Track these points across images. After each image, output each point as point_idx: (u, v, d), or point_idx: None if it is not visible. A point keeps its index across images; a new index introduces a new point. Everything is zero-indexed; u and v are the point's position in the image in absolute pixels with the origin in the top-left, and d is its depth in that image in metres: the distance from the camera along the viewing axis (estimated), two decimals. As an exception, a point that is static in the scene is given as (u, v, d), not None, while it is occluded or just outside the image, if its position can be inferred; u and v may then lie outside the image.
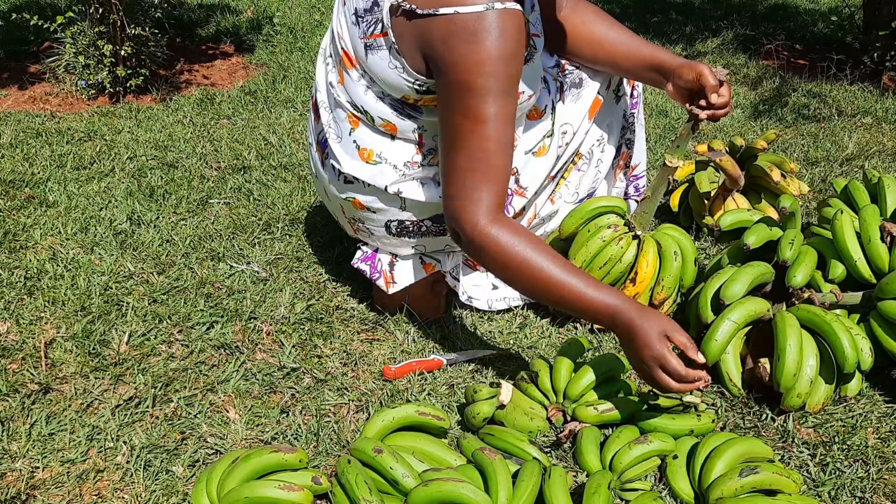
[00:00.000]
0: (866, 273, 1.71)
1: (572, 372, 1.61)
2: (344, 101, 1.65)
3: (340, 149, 1.69)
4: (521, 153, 1.72)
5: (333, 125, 1.70)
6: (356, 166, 1.67)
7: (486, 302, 1.90)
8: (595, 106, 1.85)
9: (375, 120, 1.61)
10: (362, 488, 1.29)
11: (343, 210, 1.78)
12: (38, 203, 2.38)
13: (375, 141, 1.64)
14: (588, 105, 1.84)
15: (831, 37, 4.20)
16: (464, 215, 1.46)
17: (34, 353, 1.75)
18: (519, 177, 1.73)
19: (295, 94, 3.36)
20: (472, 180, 1.45)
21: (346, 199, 1.73)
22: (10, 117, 3.04)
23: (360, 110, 1.62)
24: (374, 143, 1.64)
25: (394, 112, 1.59)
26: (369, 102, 1.60)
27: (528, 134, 1.73)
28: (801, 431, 1.58)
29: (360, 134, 1.65)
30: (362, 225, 1.77)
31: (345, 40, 1.60)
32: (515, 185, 1.73)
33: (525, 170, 1.73)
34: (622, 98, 1.96)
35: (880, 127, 3.05)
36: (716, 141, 2.38)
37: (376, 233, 1.76)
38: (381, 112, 1.60)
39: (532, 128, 1.73)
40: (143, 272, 2.05)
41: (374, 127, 1.63)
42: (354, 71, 1.60)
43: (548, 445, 1.54)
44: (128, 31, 3.17)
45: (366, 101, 1.60)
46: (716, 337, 1.61)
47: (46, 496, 1.40)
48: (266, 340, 1.82)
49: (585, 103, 1.83)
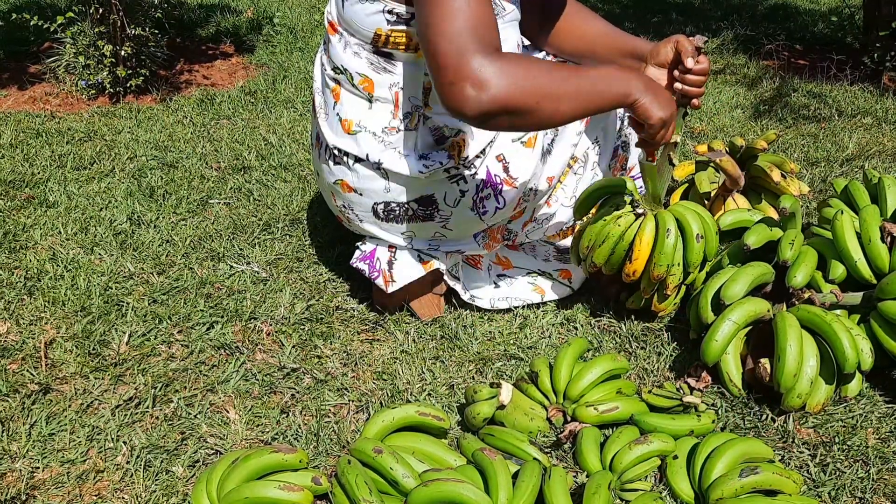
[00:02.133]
0: (866, 273, 1.71)
1: (572, 372, 1.61)
2: (329, 70, 1.71)
3: (327, 126, 1.75)
4: (509, 141, 1.73)
5: (323, 105, 1.77)
6: (340, 140, 1.71)
7: (489, 301, 1.90)
8: None
9: (354, 77, 1.65)
10: (362, 489, 1.29)
11: (334, 197, 1.81)
12: (38, 203, 2.38)
13: (355, 109, 1.68)
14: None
15: (831, 37, 4.20)
16: (469, 62, 1.33)
17: (34, 353, 1.75)
18: (508, 165, 1.73)
19: (295, 94, 3.36)
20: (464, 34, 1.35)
21: (336, 182, 1.76)
22: (10, 117, 3.04)
23: (340, 71, 1.67)
24: (353, 113, 1.68)
25: (370, 66, 1.63)
26: (347, 59, 1.65)
27: None
28: (801, 432, 1.58)
29: (342, 105, 1.70)
30: (351, 212, 1.78)
31: (330, 11, 1.68)
32: (505, 174, 1.73)
33: (514, 159, 1.73)
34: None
35: (880, 127, 3.05)
36: (716, 141, 2.38)
37: (365, 219, 1.77)
38: (358, 67, 1.64)
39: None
40: (143, 272, 2.05)
41: (354, 88, 1.67)
42: (336, 35, 1.66)
43: (548, 446, 1.54)
44: (128, 32, 3.17)
45: (344, 59, 1.65)
46: (716, 337, 1.61)
47: (46, 496, 1.40)
48: (266, 341, 1.82)
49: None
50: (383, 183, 1.71)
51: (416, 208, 1.72)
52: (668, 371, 1.75)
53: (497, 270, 1.97)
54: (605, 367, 1.62)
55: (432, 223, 1.75)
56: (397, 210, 1.73)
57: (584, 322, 1.90)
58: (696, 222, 1.73)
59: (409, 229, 1.76)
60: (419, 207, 1.72)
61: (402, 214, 1.74)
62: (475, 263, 1.94)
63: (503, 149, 1.71)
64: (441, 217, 1.73)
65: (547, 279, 1.97)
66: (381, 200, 1.73)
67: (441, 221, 1.74)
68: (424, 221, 1.74)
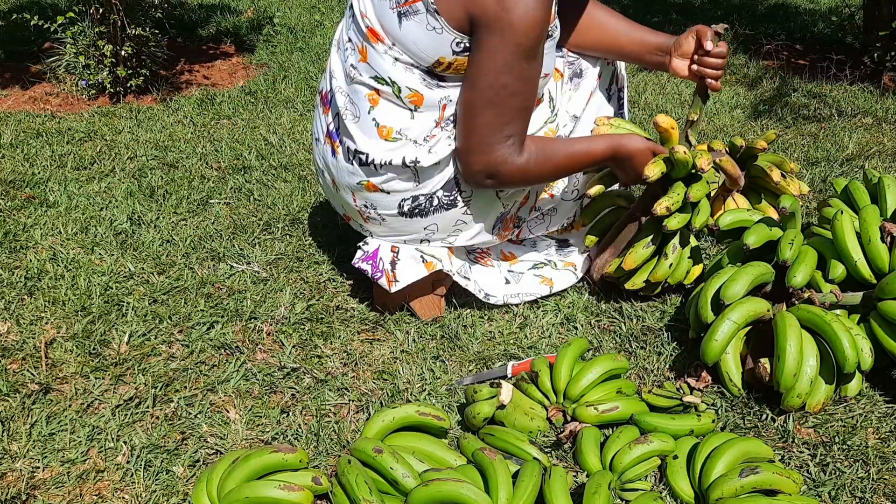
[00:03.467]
0: (866, 273, 1.71)
1: (572, 372, 1.61)
2: (367, 78, 1.67)
3: (357, 129, 1.72)
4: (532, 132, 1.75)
5: (350, 107, 1.73)
6: (373, 144, 1.69)
7: (502, 297, 1.92)
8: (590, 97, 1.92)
9: (402, 91, 1.64)
10: (362, 488, 1.29)
11: (354, 197, 1.79)
12: (38, 203, 2.38)
13: (396, 117, 1.67)
14: (587, 95, 1.90)
15: (831, 37, 4.20)
16: (499, 160, 1.64)
17: (34, 353, 1.75)
18: None
19: (295, 94, 3.36)
20: (505, 131, 1.62)
21: (359, 182, 1.74)
22: (11, 117, 3.04)
23: (386, 83, 1.65)
24: (394, 121, 1.67)
25: (422, 82, 1.63)
26: (398, 74, 1.63)
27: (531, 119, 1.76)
28: (801, 431, 1.58)
29: (380, 112, 1.68)
30: (374, 211, 1.78)
31: (369, 18, 1.64)
32: None
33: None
34: (612, 97, 2.01)
35: (880, 127, 3.05)
36: (716, 141, 2.38)
37: (388, 217, 1.77)
38: (409, 82, 1.63)
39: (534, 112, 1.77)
40: (143, 272, 2.05)
41: (399, 100, 1.66)
42: (381, 45, 1.63)
43: (548, 445, 1.54)
44: (128, 32, 3.17)
45: (393, 72, 1.64)
46: (716, 337, 1.61)
47: (46, 496, 1.40)
48: (266, 340, 1.82)
49: (585, 92, 1.90)
50: (412, 179, 1.71)
51: (442, 195, 1.73)
52: (668, 371, 1.75)
53: (506, 266, 1.98)
54: (605, 367, 1.62)
55: (455, 210, 1.76)
56: (423, 202, 1.74)
57: (584, 322, 1.90)
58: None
59: (432, 222, 1.77)
60: (444, 194, 1.73)
61: (428, 206, 1.74)
62: (484, 262, 1.95)
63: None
64: (463, 201, 1.75)
65: (552, 269, 1.98)
66: (410, 196, 1.73)
67: (463, 206, 1.75)
68: (448, 210, 1.75)
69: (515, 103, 1.59)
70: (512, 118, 1.61)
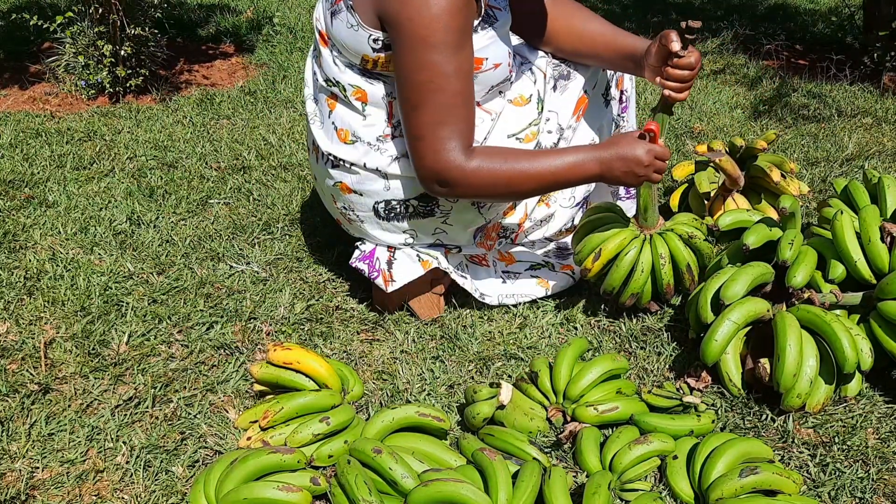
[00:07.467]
0: (866, 273, 1.71)
1: (572, 372, 1.61)
2: (322, 81, 1.71)
3: (322, 133, 1.76)
4: (504, 136, 1.73)
5: (318, 114, 1.78)
6: (335, 147, 1.72)
7: (497, 297, 1.92)
8: (580, 103, 1.86)
9: (347, 89, 1.66)
10: (362, 488, 1.29)
11: (334, 199, 1.81)
12: (37, 203, 2.38)
13: (350, 120, 1.69)
14: (575, 98, 1.85)
15: (831, 37, 4.20)
16: (442, 164, 1.55)
17: (34, 353, 1.75)
18: None
19: (295, 94, 3.36)
20: (442, 132, 1.54)
21: (335, 184, 1.77)
22: (10, 117, 3.04)
23: (333, 84, 1.68)
24: (349, 123, 1.69)
25: (362, 77, 1.64)
26: (338, 73, 1.66)
27: (512, 117, 1.75)
28: (801, 432, 1.58)
29: (337, 114, 1.71)
30: (352, 213, 1.79)
31: (319, 21, 1.69)
32: None
33: None
34: (611, 102, 1.97)
35: (880, 127, 3.05)
36: (716, 141, 2.38)
37: (366, 219, 1.78)
38: (350, 80, 1.65)
39: (516, 112, 1.75)
40: (142, 272, 2.05)
41: (348, 100, 1.68)
42: (326, 49, 1.67)
43: (548, 446, 1.54)
44: (128, 32, 3.17)
45: (335, 72, 1.66)
46: (716, 337, 1.61)
47: (46, 496, 1.40)
48: (266, 340, 1.82)
49: (572, 96, 1.85)
50: (383, 182, 1.71)
51: (417, 205, 1.73)
52: (668, 371, 1.75)
53: (501, 267, 1.98)
54: (605, 367, 1.62)
55: (433, 218, 1.75)
56: (398, 208, 1.73)
57: (584, 322, 1.90)
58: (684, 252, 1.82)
59: (411, 227, 1.77)
60: (419, 204, 1.73)
61: (403, 212, 1.74)
62: (481, 261, 1.94)
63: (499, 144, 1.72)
64: (441, 212, 1.74)
65: (550, 270, 1.97)
66: (382, 199, 1.73)
67: (441, 216, 1.75)
68: (425, 217, 1.75)
69: (444, 100, 1.51)
70: (445, 117, 1.52)
